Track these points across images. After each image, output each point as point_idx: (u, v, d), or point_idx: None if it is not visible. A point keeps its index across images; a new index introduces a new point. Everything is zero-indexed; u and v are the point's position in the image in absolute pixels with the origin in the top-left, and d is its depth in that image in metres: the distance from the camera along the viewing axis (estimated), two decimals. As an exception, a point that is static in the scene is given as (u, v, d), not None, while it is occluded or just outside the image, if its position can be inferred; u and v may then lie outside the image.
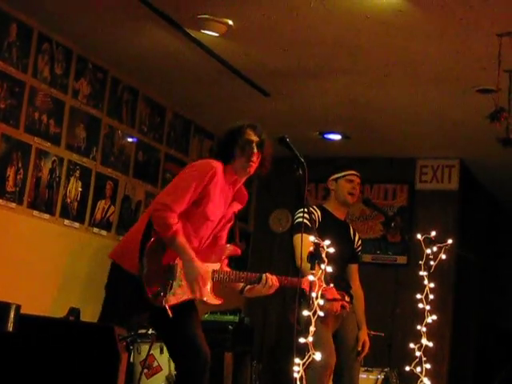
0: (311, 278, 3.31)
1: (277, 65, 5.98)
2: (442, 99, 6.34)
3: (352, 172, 4.99)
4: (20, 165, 5.51)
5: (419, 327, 4.08)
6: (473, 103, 6.16)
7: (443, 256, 4.11)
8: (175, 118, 7.29)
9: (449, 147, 7.66)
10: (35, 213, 5.64)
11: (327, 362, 4.58)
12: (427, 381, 4.05)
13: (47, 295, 5.69)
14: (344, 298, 4.59)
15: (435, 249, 4.13)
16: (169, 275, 3.69)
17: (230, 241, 3.96)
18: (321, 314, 3.25)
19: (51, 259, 5.74)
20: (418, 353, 4.06)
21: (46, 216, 5.74)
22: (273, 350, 7.95)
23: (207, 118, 7.46)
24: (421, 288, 4.09)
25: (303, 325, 3.28)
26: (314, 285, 3.29)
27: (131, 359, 5.17)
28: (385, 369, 6.31)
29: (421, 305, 4.09)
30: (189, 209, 3.72)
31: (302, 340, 3.21)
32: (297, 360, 3.22)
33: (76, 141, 6.05)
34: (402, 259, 7.90)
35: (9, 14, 5.37)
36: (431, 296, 4.07)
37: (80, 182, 6.09)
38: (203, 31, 5.38)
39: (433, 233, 4.16)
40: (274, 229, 8.49)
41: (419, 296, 4.07)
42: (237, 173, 3.87)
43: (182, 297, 3.70)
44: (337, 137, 7.67)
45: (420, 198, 8.04)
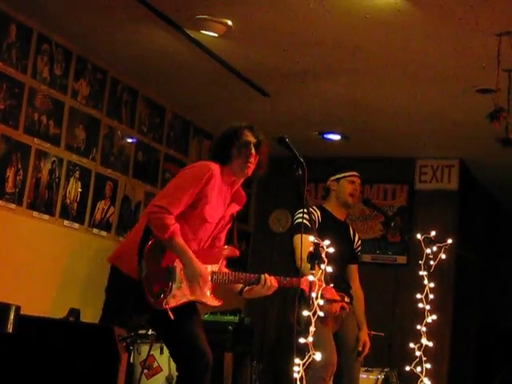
0: (311, 278, 3.31)
1: (276, 65, 5.97)
2: (442, 99, 6.34)
3: (354, 173, 5.04)
4: (20, 166, 5.51)
5: (419, 327, 4.08)
6: (472, 103, 6.16)
7: (443, 256, 4.11)
8: (175, 119, 7.28)
9: (448, 147, 7.65)
10: (35, 214, 5.64)
11: (328, 361, 4.59)
12: (427, 381, 4.05)
13: (47, 296, 5.69)
14: (343, 299, 4.60)
15: (435, 249, 4.13)
16: (168, 277, 3.68)
17: (229, 242, 3.95)
18: (321, 314, 3.25)
19: (51, 260, 5.74)
20: (418, 353, 4.06)
21: (46, 217, 5.74)
22: (273, 351, 7.95)
23: (207, 119, 7.46)
24: (421, 288, 4.09)
25: (303, 325, 3.28)
26: (314, 285, 3.29)
27: (131, 360, 5.17)
28: (385, 369, 6.31)
29: (421, 304, 4.08)
30: (186, 211, 3.71)
31: (302, 340, 3.21)
32: (297, 360, 3.22)
33: (76, 141, 6.04)
34: (402, 259, 7.90)
35: (8, 15, 5.37)
36: (431, 296, 4.07)
37: (80, 183, 6.08)
38: (202, 32, 5.38)
39: (432, 233, 4.16)
40: (274, 229, 8.49)
41: (419, 296, 4.07)
42: (234, 174, 3.86)
43: (182, 299, 3.70)
44: (336, 137, 7.66)
45: (420, 198, 8.03)
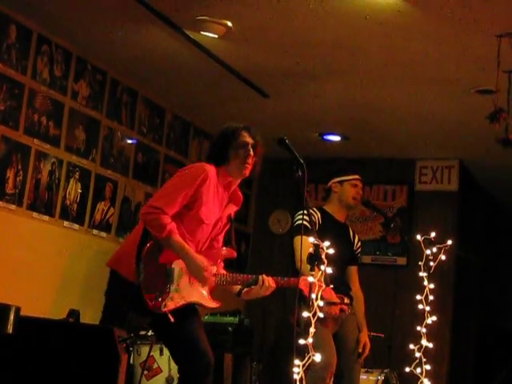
0: (310, 280, 3.31)
1: (276, 66, 5.97)
2: (442, 100, 6.34)
3: (357, 177, 5.13)
4: (19, 166, 5.51)
5: (419, 328, 4.07)
6: (472, 104, 6.16)
7: (443, 257, 4.10)
8: (174, 120, 7.28)
9: (448, 148, 7.65)
10: (35, 214, 5.64)
11: (328, 363, 4.60)
12: (427, 382, 4.04)
13: (47, 297, 5.68)
14: (343, 301, 4.60)
15: (435, 249, 4.13)
16: (166, 280, 3.67)
17: (227, 243, 3.95)
18: (320, 316, 3.25)
19: (51, 261, 5.74)
20: (418, 354, 4.05)
21: (46, 218, 5.74)
22: (273, 352, 7.94)
23: (206, 120, 7.46)
24: (420, 289, 4.08)
25: (303, 326, 3.28)
26: (314, 286, 3.29)
27: (131, 361, 5.18)
28: (385, 370, 6.30)
29: (420, 306, 4.08)
30: (182, 212, 3.71)
31: (302, 341, 3.21)
32: (297, 361, 3.22)
33: (75, 142, 6.04)
34: (402, 260, 7.89)
35: (8, 16, 5.37)
36: (431, 297, 4.06)
37: (79, 184, 6.08)
38: (202, 33, 5.38)
39: (432, 233, 4.15)
40: (274, 230, 8.49)
41: (419, 297, 4.06)
42: (231, 175, 3.85)
43: (180, 301, 3.68)
44: (336, 138, 7.66)
45: (419, 199, 8.03)
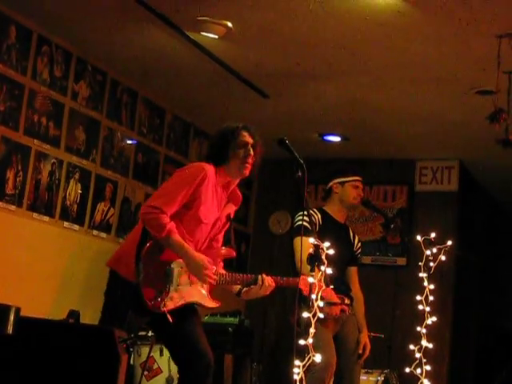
0: (310, 280, 3.31)
1: (276, 66, 5.97)
2: (442, 100, 6.34)
3: (358, 178, 5.14)
4: (19, 167, 5.51)
5: (419, 329, 4.07)
6: (472, 104, 6.16)
7: (443, 257, 4.11)
8: (174, 120, 7.28)
9: (448, 148, 7.65)
10: (35, 215, 5.64)
11: (328, 363, 4.60)
12: (427, 382, 4.04)
13: (47, 297, 5.68)
14: (343, 302, 4.60)
15: (435, 250, 4.13)
16: (165, 280, 3.67)
17: (226, 243, 3.95)
18: (321, 316, 3.25)
19: (51, 261, 5.74)
20: (418, 354, 4.05)
21: (46, 218, 5.74)
22: (273, 352, 7.94)
23: (206, 120, 7.45)
24: (420, 289, 4.08)
25: (303, 326, 3.28)
26: (314, 286, 3.29)
27: (131, 361, 5.18)
28: (385, 370, 6.29)
29: (420, 306, 4.08)
30: (181, 212, 3.70)
31: (302, 342, 3.21)
32: (297, 362, 3.21)
33: (75, 143, 6.04)
34: (402, 261, 7.89)
35: (8, 16, 5.37)
36: (431, 297, 4.06)
37: (79, 184, 6.08)
38: (202, 33, 5.38)
39: (432, 234, 4.15)
40: (274, 230, 8.48)
41: (419, 297, 4.06)
42: (231, 175, 3.85)
43: (179, 301, 3.68)
44: (336, 138, 7.66)
45: (420, 200, 8.03)
